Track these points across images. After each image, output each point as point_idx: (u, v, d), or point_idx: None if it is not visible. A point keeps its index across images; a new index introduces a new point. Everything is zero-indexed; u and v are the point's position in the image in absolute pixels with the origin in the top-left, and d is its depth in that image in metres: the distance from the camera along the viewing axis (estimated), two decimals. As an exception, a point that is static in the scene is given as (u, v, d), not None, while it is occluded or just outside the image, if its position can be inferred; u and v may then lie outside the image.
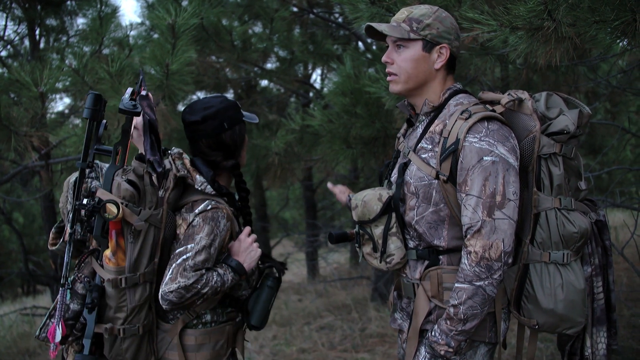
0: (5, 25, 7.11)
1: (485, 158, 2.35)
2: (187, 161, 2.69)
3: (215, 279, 2.56)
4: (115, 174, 2.57)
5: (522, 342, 2.72)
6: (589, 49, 4.00)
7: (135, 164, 2.59)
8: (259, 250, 2.69)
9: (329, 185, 3.29)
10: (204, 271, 2.54)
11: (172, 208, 2.65)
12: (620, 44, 3.41)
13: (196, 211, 2.60)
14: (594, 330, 2.60)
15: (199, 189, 2.65)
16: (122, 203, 2.49)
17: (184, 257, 2.52)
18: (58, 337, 2.49)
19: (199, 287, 2.51)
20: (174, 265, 2.52)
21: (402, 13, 2.55)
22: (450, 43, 2.53)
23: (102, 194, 2.52)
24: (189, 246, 2.54)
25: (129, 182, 2.56)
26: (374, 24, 2.55)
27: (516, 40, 2.96)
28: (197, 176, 2.66)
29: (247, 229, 2.73)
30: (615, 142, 7.68)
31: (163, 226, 2.59)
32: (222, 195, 2.72)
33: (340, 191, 3.15)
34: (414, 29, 2.50)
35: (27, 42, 7.52)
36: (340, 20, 7.76)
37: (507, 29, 2.93)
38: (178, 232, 2.62)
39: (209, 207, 2.61)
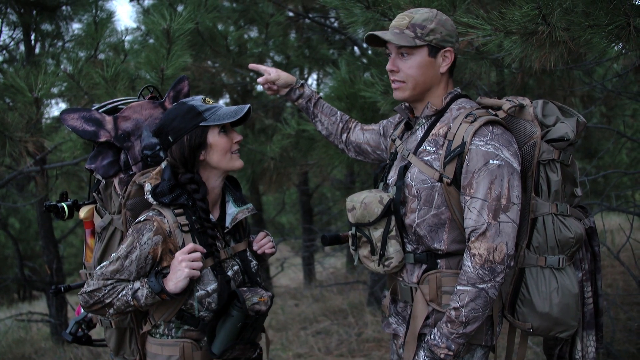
0: (1, 31, 7.11)
1: (491, 161, 2.36)
2: (157, 169, 2.63)
3: (124, 291, 2.48)
4: None
5: (512, 345, 2.73)
6: (584, 53, 4.00)
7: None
8: (186, 271, 2.44)
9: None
10: (111, 281, 2.49)
11: (137, 214, 2.64)
12: (615, 47, 3.42)
13: (135, 221, 2.57)
14: (584, 334, 2.63)
15: (145, 198, 2.58)
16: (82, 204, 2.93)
17: (101, 264, 2.54)
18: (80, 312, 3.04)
19: (100, 295, 2.49)
20: None
21: (403, 19, 2.53)
22: (453, 45, 2.54)
23: None
24: (112, 254, 2.54)
25: (96, 189, 2.79)
26: (379, 33, 2.53)
27: (511, 45, 2.97)
28: (147, 185, 2.56)
29: (189, 246, 2.50)
30: (610, 146, 7.71)
31: (125, 230, 2.67)
32: (175, 207, 2.57)
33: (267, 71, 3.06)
34: (419, 35, 2.49)
35: (22, 47, 7.53)
36: (335, 25, 7.77)
37: (501, 33, 2.94)
38: None
39: (143, 219, 2.54)
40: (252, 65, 3.15)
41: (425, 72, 2.52)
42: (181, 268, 2.45)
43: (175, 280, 2.45)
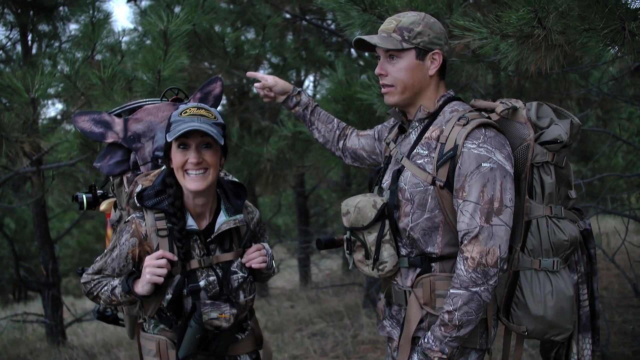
0: (-3, 31, 7.11)
1: (483, 164, 2.36)
2: (157, 171, 2.71)
3: (105, 287, 2.67)
4: None
5: (508, 348, 2.73)
6: (580, 56, 4.02)
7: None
8: (147, 277, 2.50)
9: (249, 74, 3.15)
10: (97, 277, 2.68)
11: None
12: (611, 51, 3.44)
13: (123, 220, 2.70)
14: (580, 337, 2.62)
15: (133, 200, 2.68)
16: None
17: (96, 259, 2.71)
18: None
19: (90, 288, 2.71)
20: None
21: (391, 23, 2.55)
22: (441, 48, 2.54)
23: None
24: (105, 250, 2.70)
25: (103, 185, 3.05)
26: (365, 37, 2.55)
27: (507, 48, 2.97)
28: (138, 186, 2.65)
29: (157, 252, 2.54)
30: (606, 149, 7.72)
31: None
32: (157, 211, 2.61)
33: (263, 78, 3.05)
34: (406, 38, 2.50)
35: (19, 48, 7.52)
36: (332, 27, 7.78)
37: (497, 36, 2.95)
38: None
39: (126, 220, 2.65)
40: (249, 73, 3.15)
41: (413, 75, 2.53)
42: (145, 273, 2.54)
43: (142, 284, 2.56)
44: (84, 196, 3.14)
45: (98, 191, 3.19)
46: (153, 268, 2.50)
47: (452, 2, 3.46)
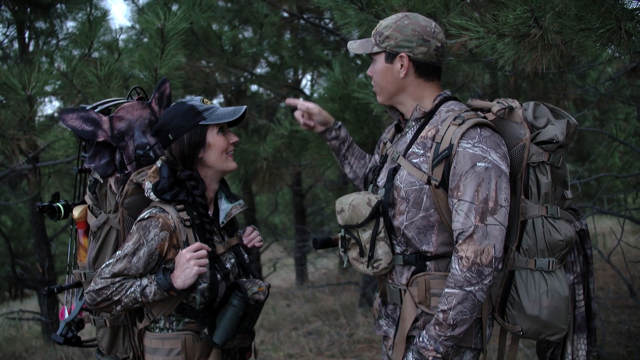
0: (-6, 28, 7.10)
1: (478, 164, 2.37)
2: (153, 167, 2.69)
3: (132, 288, 2.54)
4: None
5: (503, 347, 2.73)
6: (577, 56, 4.02)
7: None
8: (195, 269, 2.51)
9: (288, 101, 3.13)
10: (119, 279, 2.55)
11: (135, 213, 2.70)
12: (609, 50, 3.44)
13: (138, 218, 2.63)
14: (574, 337, 2.62)
15: (146, 195, 2.64)
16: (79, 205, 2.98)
17: (107, 262, 2.59)
18: (65, 317, 2.99)
19: (109, 293, 2.55)
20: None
21: (377, 26, 2.61)
22: (411, 51, 2.51)
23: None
24: (117, 252, 2.59)
25: (93, 189, 2.85)
26: (349, 44, 2.67)
27: (503, 47, 2.97)
28: (147, 183, 2.62)
29: (195, 244, 2.58)
30: (603, 150, 7.73)
31: (122, 229, 2.75)
32: (176, 203, 2.64)
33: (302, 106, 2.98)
34: (377, 42, 2.57)
35: (16, 45, 7.51)
36: (330, 26, 7.78)
37: (494, 35, 2.95)
38: None
39: (147, 216, 2.60)
40: (289, 101, 3.11)
41: (384, 77, 2.59)
42: (190, 266, 2.52)
43: (184, 278, 2.53)
44: (60, 205, 3.04)
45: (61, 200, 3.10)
46: (197, 260, 2.53)
47: (449, 1, 3.46)
